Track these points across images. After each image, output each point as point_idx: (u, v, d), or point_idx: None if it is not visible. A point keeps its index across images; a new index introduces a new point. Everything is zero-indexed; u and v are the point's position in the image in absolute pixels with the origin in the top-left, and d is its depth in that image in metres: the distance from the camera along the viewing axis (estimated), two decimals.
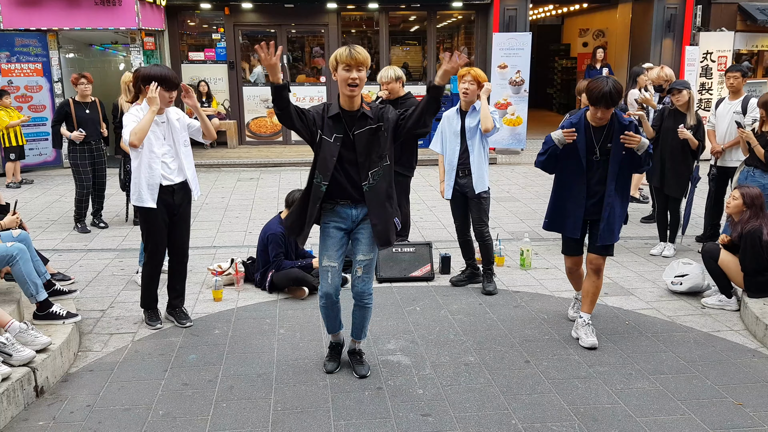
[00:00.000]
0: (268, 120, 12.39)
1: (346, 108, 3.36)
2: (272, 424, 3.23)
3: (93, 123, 6.86)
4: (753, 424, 3.24)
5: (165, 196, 4.13)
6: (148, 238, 4.23)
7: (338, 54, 3.26)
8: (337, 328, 3.76)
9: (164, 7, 11.38)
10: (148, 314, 4.40)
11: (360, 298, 3.59)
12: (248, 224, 7.17)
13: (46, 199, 8.40)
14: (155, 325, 4.33)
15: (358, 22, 12.82)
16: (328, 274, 3.50)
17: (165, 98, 4.04)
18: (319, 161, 3.38)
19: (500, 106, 11.20)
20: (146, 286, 4.36)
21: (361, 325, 3.70)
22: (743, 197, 4.62)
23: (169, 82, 4.03)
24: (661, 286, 5.18)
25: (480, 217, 4.96)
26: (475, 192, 4.86)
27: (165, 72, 4.05)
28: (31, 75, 10.23)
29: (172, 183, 4.14)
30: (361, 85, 3.28)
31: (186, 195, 4.28)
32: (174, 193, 4.18)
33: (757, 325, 4.25)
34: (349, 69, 3.24)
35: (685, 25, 11.79)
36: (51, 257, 5.70)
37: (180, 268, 4.43)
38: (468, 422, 3.25)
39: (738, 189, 4.72)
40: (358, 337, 3.76)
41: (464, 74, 4.72)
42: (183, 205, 4.27)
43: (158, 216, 4.14)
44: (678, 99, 5.81)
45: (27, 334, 3.55)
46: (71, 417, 3.29)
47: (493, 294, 4.99)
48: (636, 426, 3.22)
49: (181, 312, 4.45)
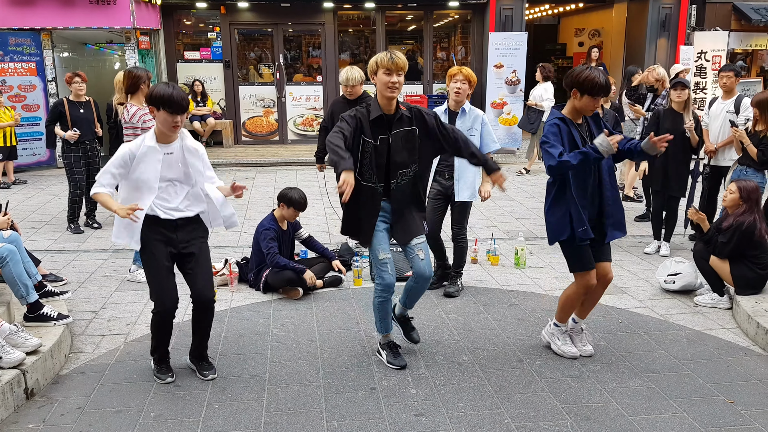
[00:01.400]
0: (264, 119, 12.37)
1: (385, 111, 3.52)
2: (264, 426, 3.22)
3: (87, 122, 6.84)
4: (744, 422, 3.25)
5: (164, 230, 3.46)
6: (151, 285, 3.50)
7: (379, 58, 3.47)
8: (391, 327, 3.89)
9: (159, 6, 11.35)
10: (156, 363, 3.71)
11: (422, 278, 3.70)
12: (243, 224, 7.15)
13: (39, 200, 8.37)
14: (165, 379, 3.64)
15: (354, 21, 12.81)
16: (387, 266, 3.64)
17: (168, 123, 3.33)
18: (365, 164, 3.51)
19: (496, 106, 11.22)
20: (155, 338, 3.64)
21: (418, 298, 3.88)
22: (740, 191, 4.62)
23: (175, 105, 3.28)
24: (654, 285, 5.18)
25: (461, 220, 4.90)
26: (456, 198, 4.78)
27: (171, 92, 3.28)
28: (24, 74, 10.19)
29: (172, 218, 3.47)
30: (399, 88, 3.48)
31: (197, 230, 3.59)
32: (177, 229, 3.50)
33: (749, 323, 4.26)
34: (389, 73, 3.42)
35: (679, 24, 11.82)
36: (44, 258, 5.68)
37: (204, 320, 3.63)
38: (461, 422, 3.25)
39: (735, 182, 4.71)
40: (410, 307, 3.94)
41: (455, 73, 4.64)
42: (193, 241, 3.55)
43: (158, 257, 3.45)
44: (680, 96, 5.77)
45: (17, 336, 3.53)
46: (61, 419, 3.28)
47: (453, 296, 4.90)
48: (628, 424, 3.22)
49: (204, 363, 3.76)
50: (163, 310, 3.49)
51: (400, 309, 3.97)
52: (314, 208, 7.66)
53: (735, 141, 5.63)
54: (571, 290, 3.86)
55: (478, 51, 12.30)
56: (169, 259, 3.49)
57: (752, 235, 4.48)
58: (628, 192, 8.28)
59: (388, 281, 3.66)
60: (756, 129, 5.48)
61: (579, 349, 3.97)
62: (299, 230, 5.32)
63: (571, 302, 3.89)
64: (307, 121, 12.42)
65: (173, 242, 3.49)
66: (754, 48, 12.76)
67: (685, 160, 5.86)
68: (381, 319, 3.82)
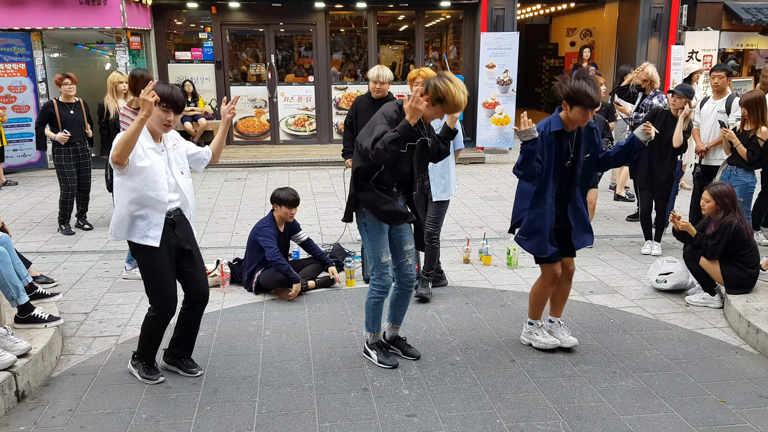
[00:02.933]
0: (256, 120, 12.34)
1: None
2: (257, 427, 3.21)
3: (78, 124, 6.81)
4: (735, 420, 3.26)
5: (166, 230, 3.44)
6: (154, 287, 3.47)
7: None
8: (381, 327, 3.93)
9: (150, 6, 11.30)
10: (144, 367, 3.66)
11: (411, 284, 3.83)
12: (235, 225, 7.13)
13: (30, 201, 8.32)
14: (156, 378, 3.63)
15: (346, 21, 12.79)
16: (389, 267, 3.74)
17: (161, 119, 3.35)
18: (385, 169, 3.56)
19: (488, 106, 11.23)
20: (148, 341, 3.62)
21: (405, 309, 3.94)
22: (715, 198, 4.65)
23: (172, 102, 3.33)
24: (645, 284, 5.20)
25: (435, 219, 4.87)
26: (433, 198, 4.80)
27: (170, 91, 3.35)
28: (14, 75, 10.12)
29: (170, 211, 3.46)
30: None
31: (188, 226, 3.61)
32: (175, 226, 3.50)
33: (740, 322, 4.28)
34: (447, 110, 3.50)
35: (671, 24, 11.87)
36: (35, 259, 5.65)
37: (197, 319, 3.69)
38: (453, 422, 3.25)
39: (707, 191, 4.72)
40: (400, 323, 3.97)
41: (414, 76, 4.53)
42: (189, 237, 3.60)
43: (163, 259, 3.44)
44: (673, 103, 5.76)
45: (6, 340, 3.50)
46: (53, 422, 3.26)
47: (425, 298, 4.84)
48: (620, 424, 3.23)
49: (188, 361, 3.76)
50: (167, 312, 3.51)
51: (391, 331, 3.99)
52: (306, 209, 7.65)
53: (724, 141, 5.66)
54: (539, 284, 4.00)
55: (470, 51, 12.31)
56: (172, 260, 3.51)
57: (741, 235, 4.51)
58: (620, 192, 8.31)
59: (387, 282, 3.75)
60: (744, 129, 5.51)
61: (563, 341, 4.04)
62: (298, 233, 5.30)
63: (540, 296, 4.01)
64: (299, 122, 12.40)
65: (173, 241, 3.49)
66: (745, 48, 12.85)
67: (672, 163, 5.88)
68: (374, 318, 3.84)
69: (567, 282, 4.04)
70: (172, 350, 3.76)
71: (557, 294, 4.06)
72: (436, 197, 4.79)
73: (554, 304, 4.11)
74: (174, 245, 3.50)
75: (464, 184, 9.16)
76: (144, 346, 3.63)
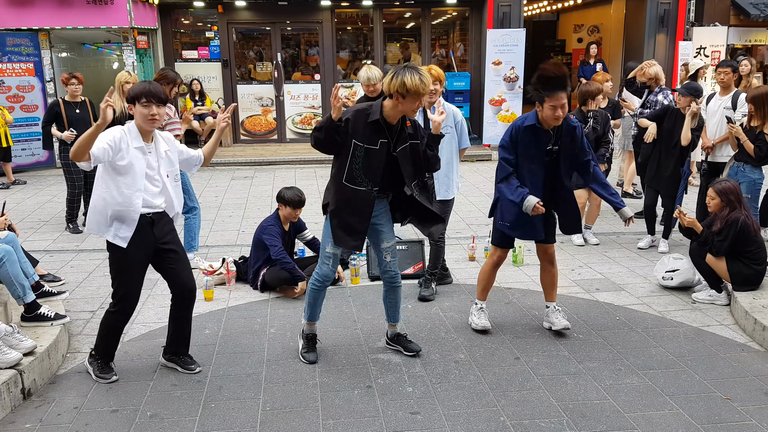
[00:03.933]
0: (263, 118, 12.36)
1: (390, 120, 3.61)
2: (260, 425, 3.22)
3: (84, 123, 6.83)
4: (741, 418, 3.24)
5: (143, 227, 3.42)
6: (118, 285, 3.47)
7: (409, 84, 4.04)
8: (317, 317, 3.92)
9: (157, 5, 11.34)
10: (99, 366, 3.62)
11: (394, 280, 3.86)
12: (242, 223, 7.16)
13: (38, 200, 8.38)
14: (110, 378, 3.60)
15: (353, 19, 12.79)
16: (330, 260, 3.74)
17: (143, 115, 3.33)
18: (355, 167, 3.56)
19: (495, 103, 11.20)
20: (105, 337, 3.59)
21: (397, 306, 3.95)
22: (720, 195, 4.62)
23: (149, 94, 3.30)
24: (652, 282, 5.18)
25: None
26: (436, 198, 4.75)
27: (147, 87, 3.33)
28: (23, 75, 10.19)
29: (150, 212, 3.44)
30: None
31: (169, 222, 3.58)
32: (153, 224, 3.48)
33: (746, 319, 4.25)
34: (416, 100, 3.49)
35: (678, 20, 11.78)
36: (42, 258, 5.69)
37: (186, 314, 3.66)
38: (457, 419, 3.25)
39: (711, 189, 4.70)
40: (396, 321, 4.00)
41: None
42: (169, 235, 3.56)
43: (135, 259, 3.44)
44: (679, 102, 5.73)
45: (12, 338, 3.53)
46: (58, 419, 3.28)
47: (428, 300, 4.82)
48: (624, 422, 3.22)
49: (186, 358, 3.76)
50: (124, 312, 3.54)
51: (390, 329, 4.03)
52: (312, 207, 7.65)
53: (731, 137, 5.61)
54: (486, 265, 4.28)
55: (477, 48, 12.28)
56: (146, 260, 3.53)
57: (748, 231, 4.48)
58: (627, 188, 8.27)
59: (325, 272, 3.77)
60: (751, 125, 5.47)
61: (558, 323, 4.16)
62: (304, 231, 5.31)
63: (485, 276, 4.27)
64: (305, 120, 12.41)
65: (150, 239, 3.48)
66: (753, 43, 12.74)
67: (680, 161, 5.84)
68: (310, 305, 3.85)
69: (551, 265, 4.21)
70: (168, 347, 3.78)
71: (545, 278, 4.26)
72: (440, 196, 4.78)
73: (545, 290, 4.28)
74: (151, 244, 3.49)
75: (470, 182, 9.13)
76: (100, 341, 3.63)
